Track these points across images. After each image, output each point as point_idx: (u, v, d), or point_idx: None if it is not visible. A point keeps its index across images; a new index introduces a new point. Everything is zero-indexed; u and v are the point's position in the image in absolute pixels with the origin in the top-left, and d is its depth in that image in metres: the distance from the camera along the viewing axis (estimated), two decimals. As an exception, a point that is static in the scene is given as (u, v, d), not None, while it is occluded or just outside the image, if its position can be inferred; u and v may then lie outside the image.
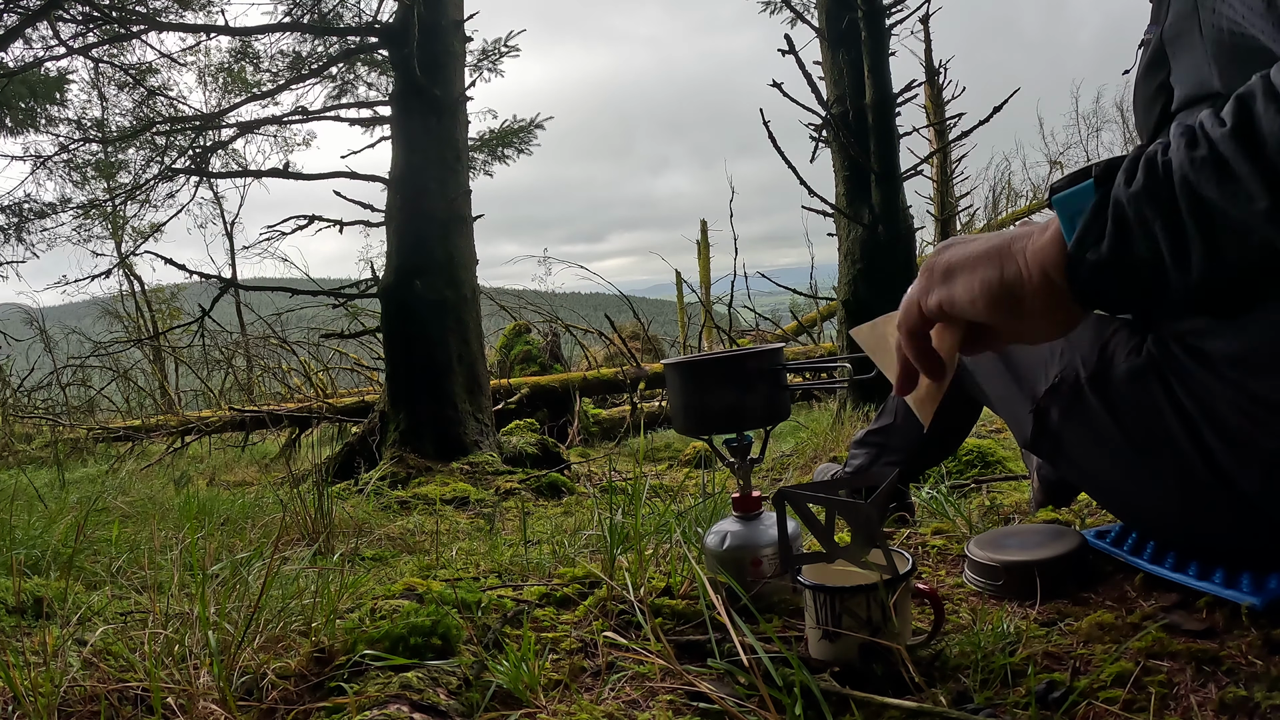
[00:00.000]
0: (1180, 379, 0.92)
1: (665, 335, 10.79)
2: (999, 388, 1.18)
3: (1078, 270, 0.62)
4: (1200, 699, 0.77)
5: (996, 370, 1.17)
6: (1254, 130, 0.53)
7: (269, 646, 1.01)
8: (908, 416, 1.52)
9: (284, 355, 9.97)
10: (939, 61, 9.21)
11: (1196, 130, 0.57)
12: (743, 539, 1.13)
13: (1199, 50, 0.82)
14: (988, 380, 1.22)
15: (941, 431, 1.53)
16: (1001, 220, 12.08)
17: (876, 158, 4.18)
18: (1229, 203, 0.54)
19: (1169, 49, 0.90)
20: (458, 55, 5.00)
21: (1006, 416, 1.20)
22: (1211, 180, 0.55)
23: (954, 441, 1.60)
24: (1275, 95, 0.52)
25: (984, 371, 1.22)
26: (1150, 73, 0.96)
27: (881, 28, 4.17)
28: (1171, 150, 0.58)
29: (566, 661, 0.98)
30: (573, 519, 2.73)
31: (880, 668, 0.87)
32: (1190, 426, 0.91)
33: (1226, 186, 0.54)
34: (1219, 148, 0.54)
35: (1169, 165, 0.57)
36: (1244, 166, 0.53)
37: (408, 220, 4.71)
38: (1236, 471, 0.87)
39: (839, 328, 4.64)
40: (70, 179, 7.32)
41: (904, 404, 1.52)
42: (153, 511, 2.73)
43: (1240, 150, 0.53)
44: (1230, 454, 0.87)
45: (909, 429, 1.53)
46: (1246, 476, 0.87)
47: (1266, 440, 0.84)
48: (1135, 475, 0.99)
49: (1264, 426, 0.84)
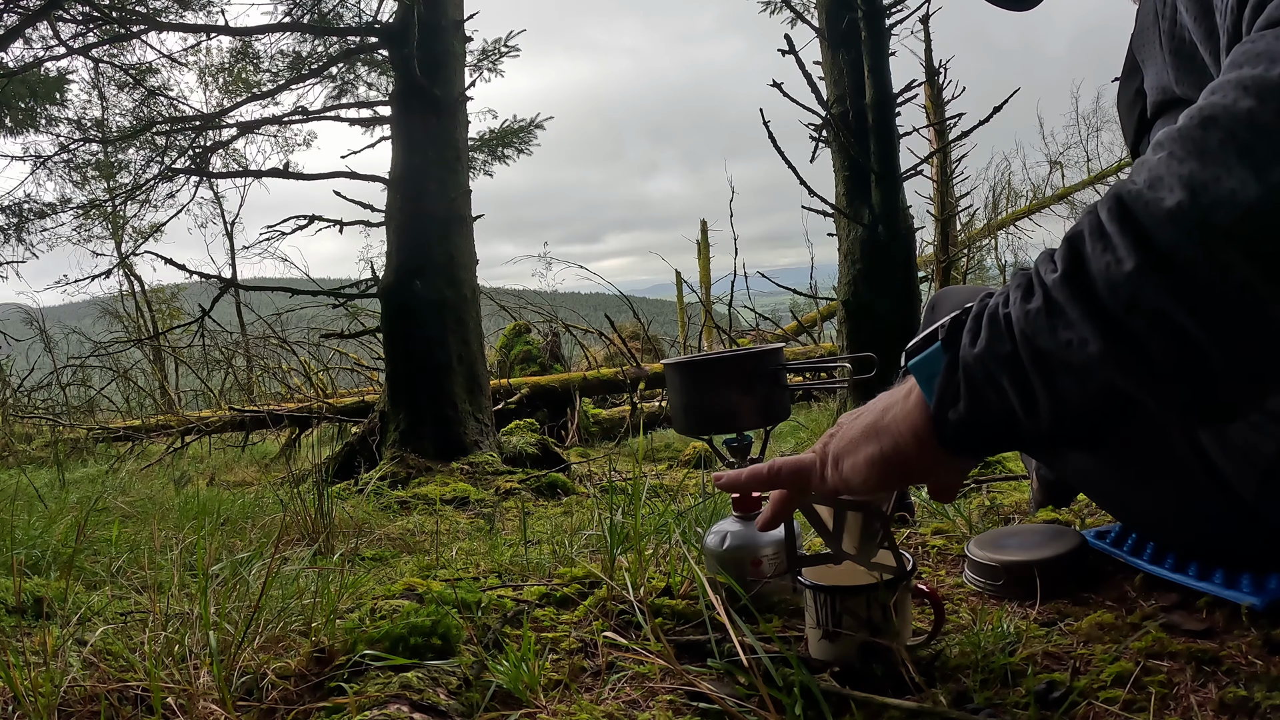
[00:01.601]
0: None
1: (665, 335, 10.79)
2: None
3: (943, 430, 0.64)
4: (1200, 699, 0.77)
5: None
6: (1084, 272, 0.53)
7: (269, 646, 1.01)
8: None
9: (284, 355, 9.98)
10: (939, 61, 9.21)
11: (1033, 278, 0.57)
12: (743, 539, 1.13)
13: (1159, 56, 0.82)
14: None
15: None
16: (1001, 220, 12.08)
17: (876, 158, 4.18)
18: (1065, 350, 0.54)
19: (1138, 56, 0.90)
20: (458, 55, 5.00)
21: None
22: (1045, 330, 0.55)
23: None
24: (1103, 234, 0.52)
25: None
26: (1128, 79, 0.97)
27: (881, 28, 4.17)
28: (1010, 303, 0.58)
29: (566, 661, 0.98)
30: (573, 519, 2.73)
31: (880, 668, 0.87)
32: (1186, 429, 0.91)
33: (1060, 335, 0.54)
34: (1051, 294, 0.55)
35: (1009, 319, 0.58)
36: (1075, 310, 0.53)
37: (408, 220, 4.71)
38: (1233, 476, 0.87)
39: (839, 328, 4.65)
40: (70, 179, 7.33)
41: None
42: (153, 511, 2.73)
43: (1071, 294, 0.53)
44: (1227, 458, 0.87)
45: None
46: (1243, 481, 0.87)
47: (1264, 445, 0.84)
48: (1133, 479, 0.99)
49: (1260, 431, 0.84)
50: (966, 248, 11.10)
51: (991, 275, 12.32)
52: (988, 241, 12.18)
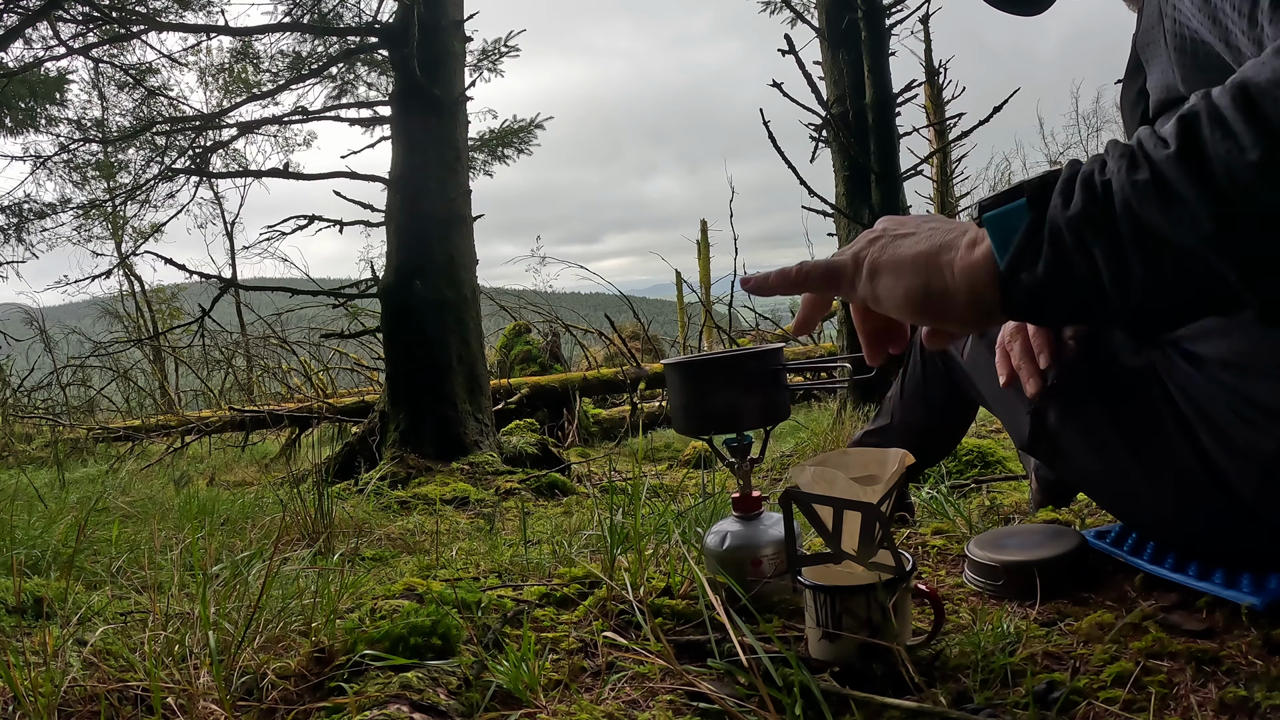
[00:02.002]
0: (1176, 382, 0.92)
1: (665, 335, 10.79)
2: (997, 392, 1.18)
3: (1012, 291, 0.61)
4: (1200, 699, 0.77)
5: (993, 373, 1.18)
6: (1201, 155, 0.51)
7: (269, 646, 1.01)
8: (904, 418, 1.52)
9: (284, 355, 9.98)
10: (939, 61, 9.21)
11: (1136, 151, 0.55)
12: (743, 539, 1.13)
13: (1164, 56, 0.82)
14: (984, 382, 1.22)
15: (939, 431, 1.53)
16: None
17: (876, 158, 4.18)
18: (1174, 228, 0.52)
19: (1142, 55, 0.90)
20: (458, 55, 5.00)
21: (1003, 418, 1.20)
22: (1155, 204, 0.53)
23: (951, 441, 1.60)
24: (1221, 119, 0.51)
25: (981, 374, 1.23)
26: (1131, 78, 0.97)
27: (881, 28, 4.17)
28: (1110, 170, 0.56)
29: (566, 661, 0.98)
30: (573, 519, 2.73)
31: (880, 668, 0.87)
32: (1186, 429, 0.91)
33: (1172, 211, 0.52)
34: (1162, 169, 0.53)
35: (1109, 186, 0.55)
36: (1190, 191, 0.51)
37: (408, 220, 4.71)
38: (1233, 474, 0.87)
39: (839, 328, 4.65)
40: (70, 179, 7.33)
41: (901, 405, 1.52)
42: (153, 511, 2.73)
43: (1186, 174, 0.52)
44: (1227, 457, 0.88)
45: (906, 429, 1.53)
46: (1243, 480, 0.87)
47: (1263, 444, 0.84)
48: (1133, 476, 0.99)
49: (1260, 430, 0.84)
50: (966, 248, 11.09)
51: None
52: (988, 241, 12.18)
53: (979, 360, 1.21)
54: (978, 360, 1.22)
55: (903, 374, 1.51)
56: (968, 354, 1.25)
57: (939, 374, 1.41)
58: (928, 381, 1.44)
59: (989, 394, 1.23)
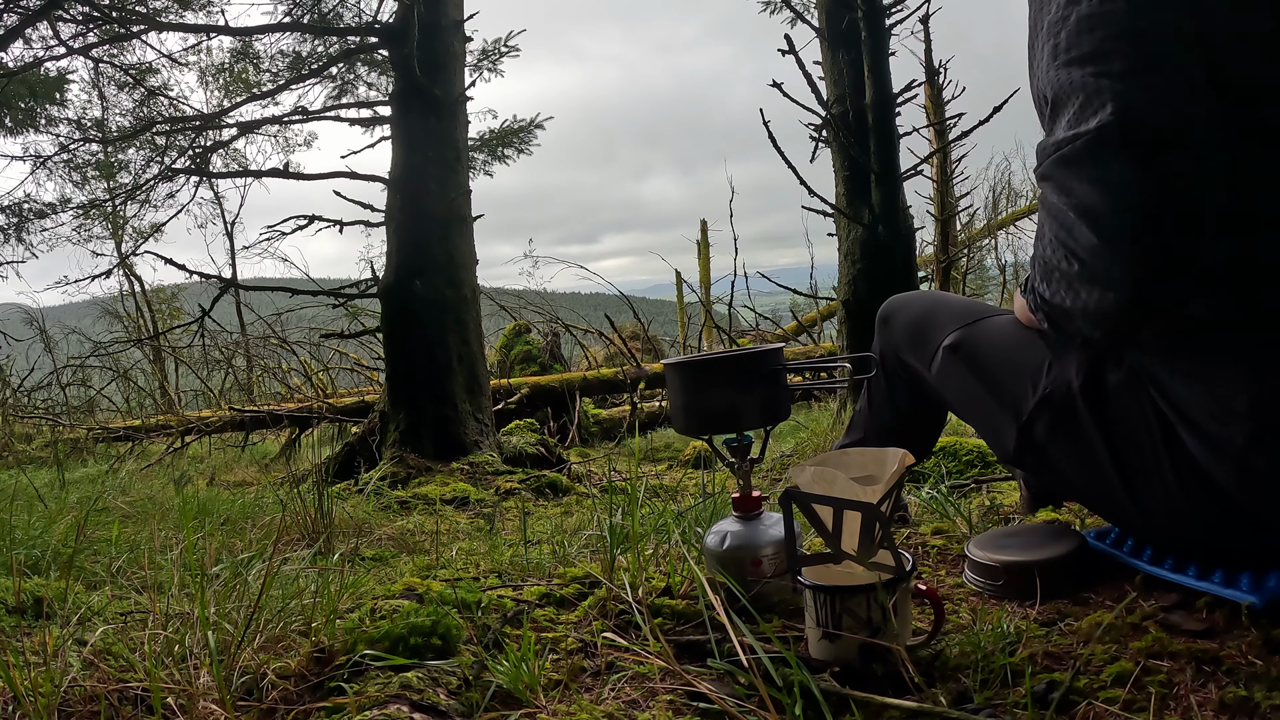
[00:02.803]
0: (1157, 386, 0.93)
1: (665, 335, 10.79)
2: (975, 405, 1.18)
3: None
4: (1200, 699, 0.77)
5: (971, 387, 1.17)
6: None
7: (269, 646, 1.01)
8: (875, 426, 1.51)
9: (284, 355, 9.97)
10: (939, 61, 9.20)
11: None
12: (743, 539, 1.13)
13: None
14: (955, 395, 1.22)
15: (911, 436, 1.50)
16: (1002, 220, 12.07)
17: (876, 158, 4.17)
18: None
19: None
20: (458, 55, 5.00)
21: (984, 431, 1.19)
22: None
23: (926, 444, 1.58)
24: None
25: (951, 387, 1.22)
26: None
27: (881, 28, 4.16)
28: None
29: (566, 661, 0.98)
30: (572, 519, 2.73)
31: (880, 668, 0.87)
32: (1168, 429, 0.93)
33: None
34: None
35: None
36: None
37: (408, 220, 4.70)
38: (1215, 471, 0.89)
39: (839, 328, 4.64)
40: (70, 179, 7.32)
41: (870, 416, 1.51)
42: (153, 511, 2.73)
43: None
44: (1206, 454, 0.89)
45: (879, 437, 1.52)
46: (1223, 474, 0.88)
47: (1236, 438, 0.87)
48: (1122, 482, 0.99)
49: (1229, 426, 0.87)
50: (967, 248, 11.09)
51: (991, 275, 12.31)
52: (988, 241, 12.17)
53: (949, 373, 1.21)
54: (948, 374, 1.21)
55: (868, 387, 1.50)
56: (936, 369, 1.24)
57: (904, 383, 1.40)
58: (894, 392, 1.43)
59: (961, 406, 1.23)
